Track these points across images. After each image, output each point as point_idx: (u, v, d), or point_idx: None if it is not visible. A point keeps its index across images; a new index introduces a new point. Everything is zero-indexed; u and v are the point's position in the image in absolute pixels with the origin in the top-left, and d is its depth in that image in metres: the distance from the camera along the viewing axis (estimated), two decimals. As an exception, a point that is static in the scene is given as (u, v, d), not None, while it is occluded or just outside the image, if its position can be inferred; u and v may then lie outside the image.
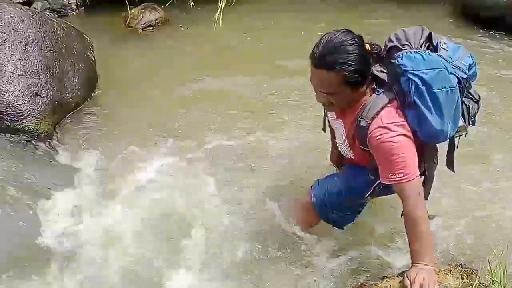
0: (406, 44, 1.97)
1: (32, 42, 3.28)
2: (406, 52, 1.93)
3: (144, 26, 4.50)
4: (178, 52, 4.16)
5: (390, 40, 2.02)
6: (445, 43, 2.02)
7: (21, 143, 3.04)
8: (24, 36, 3.25)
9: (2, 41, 3.16)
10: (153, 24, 4.53)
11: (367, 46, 1.94)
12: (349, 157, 2.23)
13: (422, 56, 1.92)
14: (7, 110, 3.04)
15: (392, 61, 1.95)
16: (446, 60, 1.95)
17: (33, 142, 3.07)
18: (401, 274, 2.08)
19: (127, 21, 4.51)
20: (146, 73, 3.91)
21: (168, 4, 4.67)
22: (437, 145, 2.16)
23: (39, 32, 3.33)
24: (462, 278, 2.12)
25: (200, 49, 4.19)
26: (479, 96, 2.12)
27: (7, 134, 3.04)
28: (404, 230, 2.02)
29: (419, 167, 1.99)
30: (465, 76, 1.99)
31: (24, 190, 2.72)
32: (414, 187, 1.94)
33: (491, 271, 2.04)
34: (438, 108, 1.91)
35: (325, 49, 1.84)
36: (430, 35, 2.01)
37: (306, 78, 1.98)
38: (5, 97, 3.05)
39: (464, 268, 2.18)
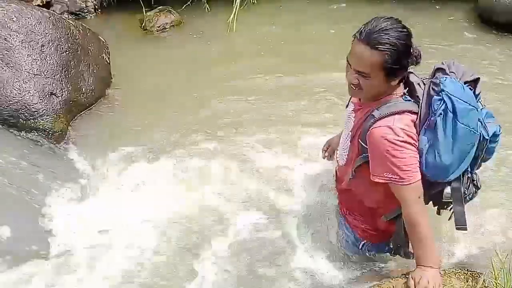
0: (452, 72, 1.96)
1: (49, 43, 3.36)
2: (451, 78, 1.91)
3: (159, 29, 4.55)
4: (192, 55, 4.20)
5: (442, 63, 2.01)
6: (483, 102, 2.00)
7: (36, 141, 3.11)
8: (40, 37, 3.33)
9: (19, 42, 3.25)
10: (168, 27, 4.58)
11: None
12: (342, 161, 2.19)
13: (463, 87, 1.89)
14: (23, 109, 3.12)
15: (434, 79, 1.92)
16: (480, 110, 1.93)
17: (47, 140, 3.14)
18: (405, 275, 2.08)
19: (143, 24, 4.58)
20: (159, 75, 3.96)
21: (183, 7, 4.73)
22: None
23: (55, 33, 3.41)
24: (467, 281, 2.12)
25: (214, 53, 4.22)
26: (480, 185, 2.09)
27: (22, 131, 3.11)
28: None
29: None
30: (486, 138, 1.93)
31: (39, 186, 2.80)
32: (412, 190, 1.90)
33: (495, 274, 2.02)
34: (453, 141, 1.85)
35: (375, 27, 1.80)
36: (477, 80, 1.98)
37: (327, 85, 1.96)
38: (22, 96, 3.13)
39: (469, 271, 2.17)
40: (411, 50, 1.87)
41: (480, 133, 1.90)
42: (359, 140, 1.99)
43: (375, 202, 2.12)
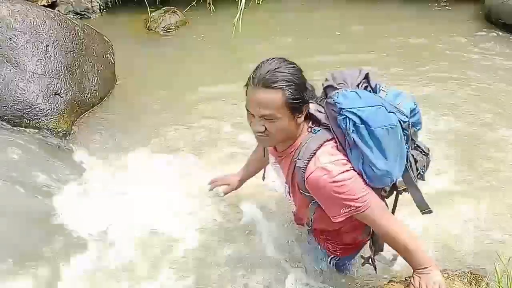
0: (341, 83, 1.93)
1: (53, 43, 3.37)
2: (342, 91, 1.87)
3: (164, 29, 4.57)
4: (197, 56, 4.21)
5: (326, 80, 1.98)
6: (385, 87, 1.97)
7: (40, 140, 3.12)
8: (45, 37, 3.35)
9: (24, 42, 3.26)
10: (173, 27, 4.60)
11: None
12: (293, 210, 2.15)
13: (357, 94, 1.84)
14: (27, 109, 3.14)
15: (328, 100, 1.87)
16: (384, 101, 1.89)
17: (51, 139, 3.15)
18: (408, 278, 2.06)
19: (148, 24, 4.60)
20: (164, 75, 3.97)
21: (188, 8, 4.74)
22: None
23: (60, 33, 3.43)
24: (470, 284, 2.11)
25: (219, 54, 4.23)
26: (428, 149, 2.03)
27: (27, 131, 3.13)
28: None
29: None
30: (406, 120, 1.89)
31: (41, 184, 2.80)
32: (374, 210, 1.85)
33: (498, 278, 2.01)
34: (380, 147, 1.81)
35: (266, 70, 1.76)
36: (367, 75, 1.97)
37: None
38: (26, 96, 3.15)
39: (472, 274, 2.16)
40: (306, 82, 1.84)
41: (398, 121, 1.86)
42: (301, 191, 1.92)
43: (341, 227, 2.08)
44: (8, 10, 3.29)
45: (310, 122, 1.91)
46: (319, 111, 1.91)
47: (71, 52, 3.46)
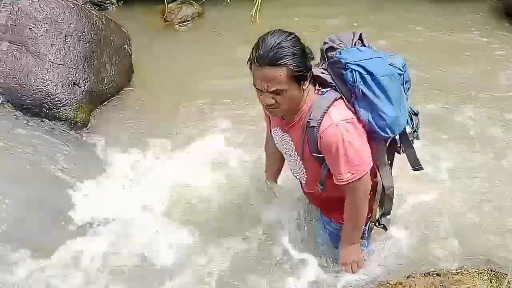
0: (341, 43, 2.02)
1: (72, 34, 3.38)
2: (343, 49, 1.98)
3: (181, 20, 4.56)
4: (214, 48, 4.19)
5: (325, 43, 2.05)
6: (376, 48, 2.08)
7: (58, 129, 3.14)
8: (64, 27, 3.36)
9: (43, 32, 3.27)
10: (189, 19, 4.59)
11: None
12: (303, 180, 2.18)
13: (358, 49, 1.98)
14: (46, 98, 3.16)
15: (331, 59, 1.97)
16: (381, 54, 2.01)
17: (69, 129, 3.17)
18: (427, 274, 2.05)
19: (164, 16, 4.59)
20: (180, 67, 3.96)
21: (204, -1, 4.72)
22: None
23: (79, 24, 3.43)
24: (491, 281, 2.09)
25: (237, 46, 4.18)
26: (416, 110, 2.15)
27: (45, 120, 3.14)
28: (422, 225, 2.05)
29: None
30: (401, 72, 1.99)
31: (58, 175, 2.82)
32: (365, 182, 1.97)
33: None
34: (386, 95, 1.91)
35: (266, 48, 1.81)
36: (361, 35, 2.06)
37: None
38: (45, 85, 3.17)
39: (493, 271, 2.14)
40: (307, 48, 1.90)
41: (396, 72, 1.97)
42: (312, 154, 1.99)
43: None
44: (28, 0, 3.30)
45: (317, 85, 1.98)
46: (323, 73, 1.99)
47: (90, 43, 3.46)
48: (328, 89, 1.96)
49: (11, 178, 2.70)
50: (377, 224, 2.22)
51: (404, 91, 2.03)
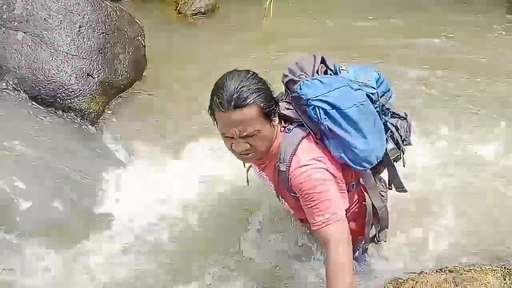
0: (301, 75, 1.89)
1: (86, 24, 3.39)
2: (303, 82, 1.84)
3: (194, 12, 4.56)
4: (226, 41, 4.17)
5: (285, 75, 1.94)
6: (345, 66, 1.95)
7: (72, 120, 3.15)
8: (79, 18, 3.37)
9: (58, 22, 3.29)
10: (203, 11, 4.58)
11: None
12: (291, 212, 2.09)
13: (319, 80, 1.83)
14: (61, 89, 3.17)
15: (293, 94, 1.85)
16: (348, 80, 1.87)
17: (83, 120, 3.18)
18: (439, 270, 2.04)
19: (178, 7, 4.59)
20: (193, 59, 3.95)
21: (219, -10, 4.71)
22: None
23: (93, 15, 3.44)
24: (504, 279, 2.08)
25: (249, 38, 4.19)
26: (405, 113, 2.05)
27: (59, 111, 3.15)
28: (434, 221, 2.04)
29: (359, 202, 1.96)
30: (374, 91, 1.89)
31: (72, 165, 2.83)
32: (342, 228, 1.76)
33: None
34: (356, 127, 1.80)
35: (229, 91, 1.72)
36: (323, 59, 1.94)
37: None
38: (59, 76, 3.18)
39: (507, 268, 2.12)
40: (268, 83, 1.81)
41: (367, 96, 1.86)
42: (291, 194, 1.88)
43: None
44: (43, -10, 3.32)
45: (282, 122, 1.88)
46: (288, 108, 1.89)
47: (104, 34, 3.47)
48: (295, 125, 1.86)
49: (24, 168, 2.69)
50: (376, 240, 2.10)
51: (380, 108, 1.92)
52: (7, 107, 3.04)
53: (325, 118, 1.78)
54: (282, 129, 1.87)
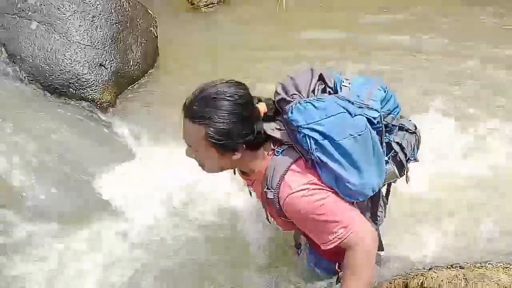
0: (294, 94, 1.69)
1: (99, 14, 3.40)
2: (295, 104, 1.64)
3: (206, 3, 4.54)
4: (239, 32, 4.16)
5: (277, 93, 1.74)
6: (347, 80, 1.73)
7: (85, 110, 3.18)
8: (92, 8, 3.38)
9: (72, 12, 3.30)
10: (215, 1, 4.56)
11: (262, 106, 1.69)
12: (280, 229, 1.98)
13: (313, 105, 1.62)
14: (73, 79, 3.19)
15: (285, 116, 1.67)
16: (348, 101, 1.66)
17: (95, 110, 3.21)
18: (450, 266, 2.03)
19: (190, -2, 4.58)
20: (205, 51, 3.95)
21: (231, -18, 4.68)
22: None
23: (106, 5, 3.45)
24: (516, 276, 2.05)
25: (262, 30, 4.16)
26: (414, 126, 1.87)
27: (72, 101, 3.19)
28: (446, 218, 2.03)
29: None
30: (376, 115, 1.68)
31: (84, 154, 2.88)
32: (362, 233, 1.66)
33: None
34: (351, 160, 1.61)
35: (195, 99, 1.61)
36: (321, 76, 1.73)
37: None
38: (72, 66, 3.20)
39: (520, 266, 2.10)
40: (249, 117, 1.62)
41: (366, 122, 1.66)
42: (282, 218, 1.76)
43: None
44: (56, -20, 3.33)
45: (272, 144, 1.71)
46: (279, 129, 1.71)
47: (116, 24, 3.48)
48: (285, 148, 1.68)
49: (35, 157, 2.72)
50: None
51: (383, 129, 1.73)
52: (20, 96, 3.07)
53: (316, 149, 1.60)
54: (271, 151, 1.71)
